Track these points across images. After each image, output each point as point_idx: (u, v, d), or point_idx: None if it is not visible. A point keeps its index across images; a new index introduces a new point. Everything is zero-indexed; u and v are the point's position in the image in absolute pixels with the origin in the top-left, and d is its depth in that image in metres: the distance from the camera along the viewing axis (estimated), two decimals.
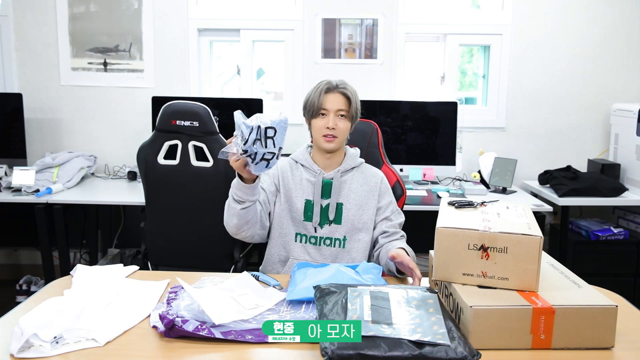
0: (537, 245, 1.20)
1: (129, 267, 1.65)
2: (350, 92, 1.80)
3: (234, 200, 1.64)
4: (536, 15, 3.36)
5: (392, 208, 1.87)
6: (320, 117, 1.79)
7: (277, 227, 1.85)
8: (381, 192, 1.86)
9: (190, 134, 2.33)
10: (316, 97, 1.79)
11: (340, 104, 1.78)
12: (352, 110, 1.80)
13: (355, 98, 1.82)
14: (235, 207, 1.64)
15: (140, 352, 1.18)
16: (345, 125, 1.80)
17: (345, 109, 1.79)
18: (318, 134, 1.80)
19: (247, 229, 1.70)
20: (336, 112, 1.78)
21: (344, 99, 1.79)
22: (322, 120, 1.79)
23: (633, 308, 1.40)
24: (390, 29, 3.36)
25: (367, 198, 1.84)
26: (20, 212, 3.23)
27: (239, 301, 1.35)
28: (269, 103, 3.39)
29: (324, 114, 1.79)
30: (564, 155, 3.42)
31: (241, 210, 1.64)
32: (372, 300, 1.21)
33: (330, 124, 1.77)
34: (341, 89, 1.80)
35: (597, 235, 2.99)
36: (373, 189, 1.85)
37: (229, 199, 1.67)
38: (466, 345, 1.07)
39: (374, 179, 1.87)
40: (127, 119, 3.45)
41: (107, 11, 3.37)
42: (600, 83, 3.40)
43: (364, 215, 1.82)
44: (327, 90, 1.79)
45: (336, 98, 1.79)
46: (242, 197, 1.62)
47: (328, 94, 1.79)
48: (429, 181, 3.22)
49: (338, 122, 1.78)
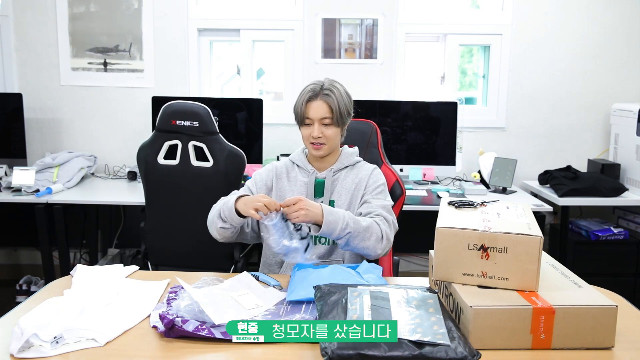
0: (537, 245, 1.20)
1: (129, 267, 1.65)
2: (334, 97, 1.76)
3: (219, 216, 1.67)
4: (536, 15, 3.36)
5: (375, 192, 1.81)
6: (306, 126, 1.79)
7: None
8: (368, 183, 1.83)
9: (190, 134, 2.33)
10: (300, 106, 1.79)
11: (323, 112, 1.75)
12: (337, 116, 1.76)
13: (340, 102, 1.77)
14: (217, 222, 1.69)
15: (140, 352, 1.18)
16: (332, 132, 1.78)
17: (329, 117, 1.76)
18: (306, 142, 1.82)
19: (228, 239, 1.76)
20: (320, 120, 1.76)
21: (327, 107, 1.75)
22: (308, 129, 1.78)
23: (633, 308, 1.40)
24: (390, 29, 3.36)
25: (356, 192, 1.83)
26: (20, 212, 3.23)
27: (239, 301, 1.35)
28: (269, 103, 3.39)
29: (309, 123, 1.78)
30: (564, 155, 3.42)
31: (220, 229, 1.69)
32: (372, 300, 1.21)
33: (315, 134, 1.76)
34: (324, 96, 1.76)
35: (597, 235, 2.99)
36: (361, 182, 1.83)
37: (215, 211, 1.70)
38: (466, 345, 1.07)
39: (364, 173, 1.85)
40: (127, 119, 3.45)
41: (107, 11, 3.37)
42: (600, 83, 3.40)
43: (353, 211, 1.81)
44: (310, 98, 1.77)
45: (319, 107, 1.76)
46: (227, 217, 1.65)
47: (310, 102, 1.77)
48: (429, 181, 3.22)
49: (324, 130, 1.77)
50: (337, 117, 1.76)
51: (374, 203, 1.77)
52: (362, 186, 1.83)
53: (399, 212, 2.00)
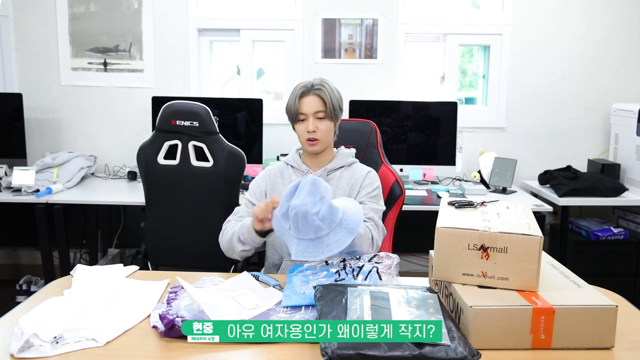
0: (537, 245, 1.20)
1: (129, 267, 1.65)
2: (326, 92, 1.79)
3: (239, 240, 1.69)
4: (536, 16, 3.36)
5: (370, 195, 1.82)
6: (300, 122, 1.82)
7: None
8: (363, 185, 1.84)
9: (190, 134, 2.33)
10: (292, 103, 1.81)
11: (316, 105, 1.79)
12: (330, 109, 1.79)
13: (332, 96, 1.80)
14: (237, 246, 1.71)
15: (140, 352, 1.18)
16: (326, 126, 1.81)
17: (322, 110, 1.79)
18: (301, 138, 1.83)
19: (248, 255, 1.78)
20: (314, 114, 1.79)
21: (320, 100, 1.79)
22: (303, 125, 1.81)
23: (633, 308, 1.40)
24: (390, 29, 3.36)
25: (350, 193, 1.84)
26: (20, 212, 3.23)
27: (239, 301, 1.35)
28: (269, 103, 3.39)
29: (303, 118, 1.81)
30: (564, 155, 3.42)
31: (242, 252, 1.72)
32: (372, 300, 1.21)
33: (310, 128, 1.78)
34: (316, 90, 1.79)
35: (597, 235, 2.99)
36: (356, 183, 1.85)
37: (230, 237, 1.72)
38: (466, 345, 1.07)
39: (359, 174, 1.86)
40: (127, 119, 3.45)
41: (107, 11, 3.38)
42: (600, 83, 3.40)
43: None
44: (302, 94, 1.80)
45: (312, 101, 1.79)
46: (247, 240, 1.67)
47: (303, 97, 1.80)
48: (429, 181, 3.22)
49: (318, 124, 1.79)
50: (330, 110, 1.79)
51: (368, 206, 1.79)
52: (357, 187, 1.84)
53: (399, 212, 2.00)
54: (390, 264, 1.50)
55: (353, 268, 1.47)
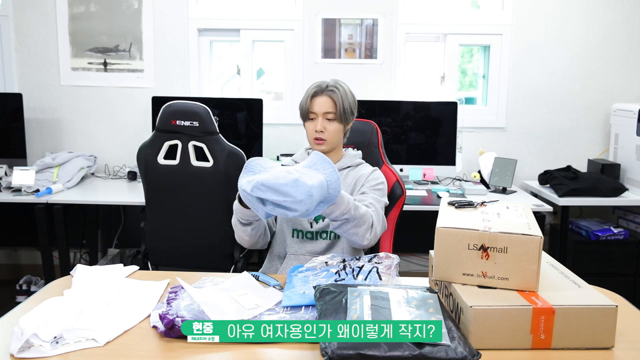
0: (537, 245, 1.20)
1: (129, 267, 1.65)
2: (338, 94, 1.81)
3: (242, 224, 1.69)
4: (536, 16, 3.36)
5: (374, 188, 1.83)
6: (310, 121, 1.84)
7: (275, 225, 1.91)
8: (368, 179, 1.86)
9: (190, 134, 2.33)
10: (304, 101, 1.84)
11: (327, 106, 1.81)
12: (340, 112, 1.81)
13: (344, 99, 1.82)
14: (245, 229, 1.71)
15: (140, 352, 1.18)
16: (335, 127, 1.83)
17: (332, 111, 1.81)
18: (309, 137, 1.86)
19: (261, 240, 1.79)
20: (324, 114, 1.81)
21: (331, 102, 1.81)
22: (312, 124, 1.84)
23: (633, 308, 1.40)
24: (390, 29, 3.36)
25: (355, 188, 1.86)
26: (20, 212, 3.23)
27: (239, 301, 1.35)
28: (269, 103, 3.39)
29: (313, 117, 1.83)
30: (564, 155, 3.42)
31: (251, 231, 1.72)
32: (372, 300, 1.21)
33: (318, 127, 1.81)
34: (329, 92, 1.81)
35: (597, 235, 2.99)
36: (361, 179, 1.87)
37: (235, 221, 1.72)
38: (466, 345, 1.07)
39: (364, 172, 1.89)
40: (127, 119, 3.45)
41: (107, 11, 3.38)
42: (600, 83, 3.40)
43: None
44: (315, 94, 1.83)
45: (323, 101, 1.81)
46: (249, 218, 1.67)
47: (315, 97, 1.82)
48: (429, 181, 3.22)
49: (327, 124, 1.82)
50: (340, 112, 1.81)
51: (371, 195, 1.80)
52: (362, 182, 1.87)
53: (399, 212, 2.01)
54: (390, 264, 1.50)
55: (353, 268, 1.48)
